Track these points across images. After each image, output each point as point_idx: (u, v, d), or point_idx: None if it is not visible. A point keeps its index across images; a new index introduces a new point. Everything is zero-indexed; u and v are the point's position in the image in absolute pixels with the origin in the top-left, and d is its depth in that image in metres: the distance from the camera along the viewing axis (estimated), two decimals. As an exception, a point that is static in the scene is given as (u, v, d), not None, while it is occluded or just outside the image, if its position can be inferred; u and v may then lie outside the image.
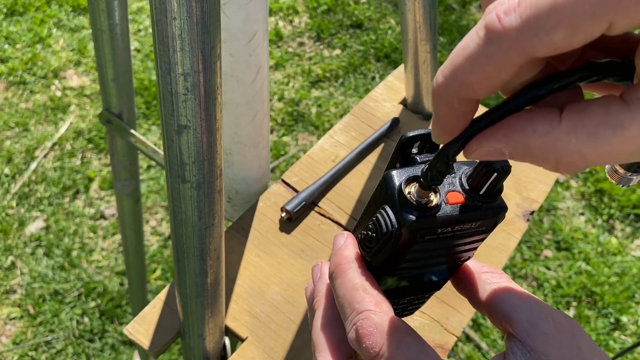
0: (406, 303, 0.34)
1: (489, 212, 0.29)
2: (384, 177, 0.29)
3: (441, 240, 0.29)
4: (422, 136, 0.30)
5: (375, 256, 0.30)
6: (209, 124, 0.39)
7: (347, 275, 0.30)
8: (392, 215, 0.28)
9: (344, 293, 0.29)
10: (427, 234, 0.28)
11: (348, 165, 0.72)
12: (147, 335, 0.59)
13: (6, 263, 1.55)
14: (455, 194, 0.28)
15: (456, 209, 0.28)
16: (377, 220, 0.28)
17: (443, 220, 0.28)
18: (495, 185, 0.28)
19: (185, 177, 0.42)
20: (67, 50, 2.03)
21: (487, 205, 0.29)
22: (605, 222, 1.70)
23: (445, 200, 0.28)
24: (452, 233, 0.29)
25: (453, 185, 0.29)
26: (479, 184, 0.28)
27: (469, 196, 0.29)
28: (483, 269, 0.32)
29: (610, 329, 1.51)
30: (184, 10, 0.33)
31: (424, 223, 0.27)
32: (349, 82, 2.00)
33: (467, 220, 0.28)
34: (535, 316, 0.28)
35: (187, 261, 0.48)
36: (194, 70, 0.36)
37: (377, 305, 0.28)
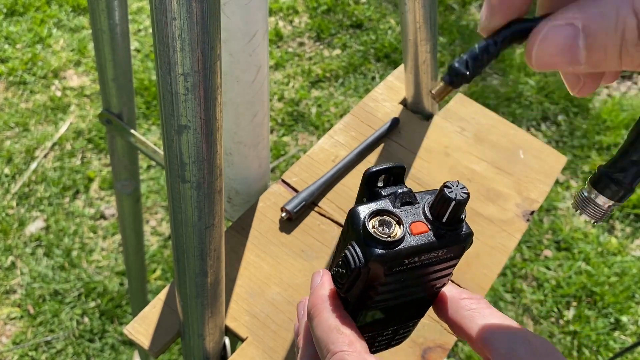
0: (391, 333, 0.35)
1: (453, 239, 0.29)
2: (349, 213, 0.29)
3: (411, 271, 0.29)
4: (386, 170, 0.31)
5: (349, 292, 0.30)
6: (209, 124, 0.39)
7: (322, 316, 0.30)
8: (359, 250, 0.28)
9: (320, 334, 0.30)
10: (395, 266, 0.28)
11: (348, 165, 0.72)
12: (147, 335, 0.59)
13: (6, 263, 1.55)
14: (418, 224, 0.29)
15: (420, 239, 0.28)
16: (345, 257, 0.29)
17: (408, 251, 0.28)
18: (456, 213, 0.29)
19: (185, 177, 0.42)
20: (67, 50, 2.03)
21: (451, 232, 0.29)
22: (605, 222, 1.70)
23: (409, 231, 0.28)
24: (420, 262, 0.29)
25: (417, 216, 0.29)
26: (440, 213, 0.29)
27: (432, 225, 0.29)
28: (462, 295, 0.32)
29: (610, 328, 1.51)
30: (184, 11, 0.33)
31: (389, 256, 0.28)
32: (349, 82, 2.00)
33: (432, 249, 0.29)
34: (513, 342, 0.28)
35: (187, 261, 0.48)
36: (194, 70, 0.36)
37: (350, 345, 0.29)
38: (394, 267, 0.28)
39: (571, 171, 1.80)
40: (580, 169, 1.81)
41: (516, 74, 2.01)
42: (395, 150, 0.75)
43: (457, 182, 0.28)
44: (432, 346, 0.60)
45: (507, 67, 2.03)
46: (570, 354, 1.47)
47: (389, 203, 0.29)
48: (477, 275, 0.66)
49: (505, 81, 1.99)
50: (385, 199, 0.30)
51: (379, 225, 0.28)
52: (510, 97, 1.94)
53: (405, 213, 0.29)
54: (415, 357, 0.59)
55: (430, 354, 0.60)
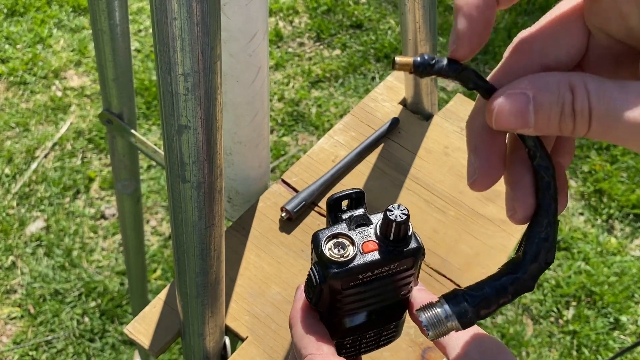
0: (374, 335, 0.39)
1: (401, 254, 0.33)
2: (312, 237, 0.34)
3: (368, 283, 0.33)
4: (347, 195, 0.36)
5: (317, 304, 0.35)
6: (209, 124, 0.40)
7: (297, 326, 0.35)
8: (318, 270, 0.33)
9: (295, 341, 0.35)
10: (351, 281, 0.33)
11: (348, 165, 0.72)
12: (148, 335, 0.59)
13: (7, 263, 1.55)
14: (369, 243, 0.33)
15: (370, 256, 0.33)
16: (309, 277, 0.34)
17: (360, 268, 0.32)
18: (399, 232, 0.33)
19: (186, 177, 0.42)
20: (67, 50, 2.04)
21: (399, 249, 0.33)
22: (604, 222, 1.70)
23: (360, 250, 0.33)
24: (375, 276, 0.33)
25: (368, 236, 0.33)
26: (387, 232, 0.33)
27: (381, 243, 0.33)
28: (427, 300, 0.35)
29: (609, 328, 1.51)
30: (184, 11, 0.34)
31: (342, 274, 0.32)
32: (349, 82, 2.00)
33: (382, 265, 0.33)
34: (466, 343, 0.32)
35: (187, 261, 0.48)
36: (194, 71, 0.36)
37: (317, 348, 0.33)
38: (351, 281, 0.33)
39: (570, 171, 1.81)
40: (580, 168, 1.81)
41: (516, 74, 2.01)
42: (394, 150, 0.76)
43: (399, 205, 0.32)
44: (432, 346, 0.60)
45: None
46: (569, 354, 1.47)
47: (345, 226, 0.34)
48: (476, 274, 0.66)
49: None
50: (343, 223, 0.34)
51: (334, 247, 0.33)
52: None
53: (359, 234, 0.33)
54: (415, 357, 0.59)
55: (430, 353, 0.60)
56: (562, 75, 0.25)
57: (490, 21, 0.26)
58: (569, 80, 0.24)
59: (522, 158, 0.29)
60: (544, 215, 0.29)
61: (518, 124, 0.25)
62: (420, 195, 0.72)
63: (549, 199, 0.28)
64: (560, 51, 0.27)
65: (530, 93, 0.25)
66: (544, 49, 0.27)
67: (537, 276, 0.29)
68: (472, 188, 0.30)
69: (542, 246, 0.29)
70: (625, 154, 1.84)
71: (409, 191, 0.72)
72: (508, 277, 0.29)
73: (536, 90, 0.25)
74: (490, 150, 0.29)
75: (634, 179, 1.78)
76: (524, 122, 0.25)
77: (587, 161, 1.82)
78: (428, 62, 0.27)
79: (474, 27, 0.26)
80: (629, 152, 1.85)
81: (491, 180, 0.29)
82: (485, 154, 0.29)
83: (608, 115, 0.24)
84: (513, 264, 0.30)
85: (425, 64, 0.27)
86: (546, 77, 0.25)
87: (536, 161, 0.28)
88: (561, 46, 0.27)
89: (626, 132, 0.24)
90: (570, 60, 0.28)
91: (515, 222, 0.30)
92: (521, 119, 0.25)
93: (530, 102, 0.25)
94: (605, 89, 0.24)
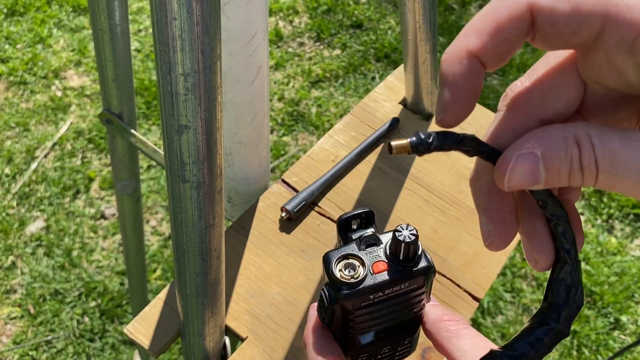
0: (389, 352, 0.39)
1: (411, 274, 0.33)
2: (322, 258, 0.34)
3: (379, 303, 0.34)
4: (357, 215, 0.36)
5: (330, 324, 0.35)
6: (209, 124, 0.40)
7: (310, 346, 0.36)
8: (331, 291, 0.33)
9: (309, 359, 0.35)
10: (362, 301, 0.33)
11: (348, 165, 0.72)
12: (148, 335, 0.59)
13: (6, 263, 1.55)
14: (379, 263, 0.33)
15: (380, 276, 0.33)
16: (321, 297, 0.34)
17: (370, 289, 0.33)
18: (409, 252, 0.33)
19: (186, 177, 0.42)
20: (67, 50, 2.04)
21: (408, 268, 0.33)
22: (604, 222, 1.70)
23: (371, 271, 0.33)
24: (386, 295, 0.34)
25: (378, 256, 0.34)
26: (396, 252, 0.33)
27: (391, 263, 0.33)
28: (443, 317, 0.36)
29: (609, 328, 1.51)
30: (184, 11, 0.34)
31: (353, 294, 0.33)
32: (349, 82, 2.00)
33: (393, 285, 0.33)
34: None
35: (187, 261, 0.48)
36: (194, 71, 0.36)
37: None
38: (362, 302, 0.33)
39: (571, 171, 1.81)
40: (580, 169, 1.81)
41: (516, 74, 2.02)
42: (395, 150, 0.75)
43: (407, 225, 0.33)
44: (432, 346, 0.60)
45: (507, 67, 2.04)
46: (569, 354, 1.47)
47: (355, 247, 0.34)
48: (476, 275, 0.66)
49: (505, 81, 1.99)
50: (353, 243, 0.34)
51: (344, 268, 0.33)
52: (510, 97, 1.94)
53: (369, 254, 0.34)
54: (415, 357, 0.59)
55: (430, 353, 0.60)
56: (567, 129, 0.25)
57: (477, 88, 0.26)
58: (574, 134, 0.24)
59: (531, 206, 0.29)
60: (566, 261, 0.28)
61: (529, 183, 0.25)
62: (420, 195, 0.72)
63: (568, 244, 0.28)
64: (558, 103, 0.27)
65: (538, 152, 0.25)
66: (542, 103, 0.27)
67: (571, 322, 0.29)
68: (490, 249, 0.30)
69: (570, 292, 0.29)
70: (625, 154, 1.84)
71: (409, 191, 0.72)
72: (541, 329, 0.29)
73: (544, 149, 0.25)
74: (501, 210, 0.29)
75: (634, 179, 1.78)
76: (535, 181, 0.25)
77: (587, 161, 1.82)
78: (425, 140, 0.27)
79: (460, 96, 0.26)
80: (629, 152, 1.85)
81: (508, 238, 0.29)
82: (496, 214, 0.29)
83: (612, 170, 0.24)
84: (543, 313, 0.29)
85: (424, 142, 0.27)
86: (551, 132, 0.25)
87: (548, 210, 0.28)
88: (559, 98, 0.27)
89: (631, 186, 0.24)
90: (568, 110, 0.28)
91: (539, 271, 0.29)
92: (532, 178, 0.25)
93: (539, 161, 0.25)
94: (608, 141, 0.24)
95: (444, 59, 0.26)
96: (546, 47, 0.26)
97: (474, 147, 0.27)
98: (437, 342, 0.35)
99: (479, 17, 0.26)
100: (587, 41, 0.25)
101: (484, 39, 0.25)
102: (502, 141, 0.27)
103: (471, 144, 0.27)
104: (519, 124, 0.27)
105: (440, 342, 0.35)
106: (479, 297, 0.64)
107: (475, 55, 0.25)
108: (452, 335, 0.35)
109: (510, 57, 0.26)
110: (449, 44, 0.26)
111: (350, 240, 0.35)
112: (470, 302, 0.64)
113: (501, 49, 0.25)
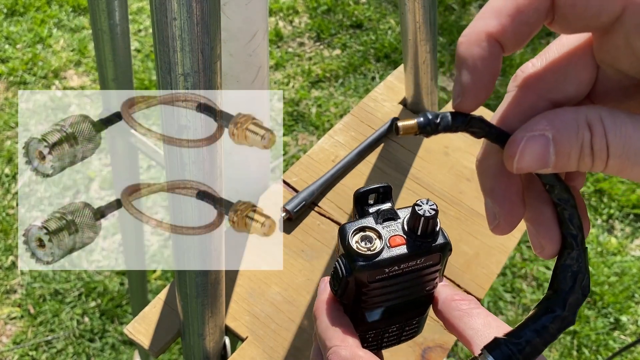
0: (397, 330, 0.38)
1: (428, 249, 0.33)
2: (338, 230, 0.34)
3: (394, 277, 0.34)
4: (374, 189, 0.36)
5: (342, 296, 0.35)
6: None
7: (321, 317, 0.35)
8: (345, 263, 0.33)
9: (319, 332, 0.35)
10: (377, 274, 0.33)
11: (348, 165, 0.72)
12: (148, 335, 0.59)
13: (7, 263, 1.55)
14: (396, 237, 0.33)
15: (397, 250, 0.33)
16: (335, 269, 0.34)
17: (387, 262, 0.32)
18: (428, 227, 0.33)
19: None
20: (67, 50, 2.03)
21: (425, 244, 0.33)
22: (604, 222, 1.70)
23: (388, 244, 0.33)
24: (401, 270, 0.33)
25: (395, 230, 0.33)
26: (414, 227, 0.33)
27: (409, 238, 0.33)
28: (455, 297, 0.36)
29: (610, 328, 1.51)
30: (184, 11, 0.34)
31: (369, 267, 0.32)
32: (349, 82, 2.00)
33: (409, 259, 0.33)
34: None
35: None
36: (194, 71, 0.36)
37: (342, 340, 0.33)
38: (377, 275, 0.33)
39: (571, 171, 1.81)
40: (580, 169, 1.81)
41: (516, 74, 2.01)
42: (395, 150, 0.75)
43: (427, 200, 0.32)
44: (432, 346, 0.60)
45: (507, 67, 2.04)
46: (570, 354, 1.47)
47: (372, 220, 0.34)
48: (476, 275, 0.66)
49: (505, 81, 1.99)
50: (370, 216, 0.34)
51: (361, 240, 0.33)
52: (510, 97, 1.94)
53: (386, 228, 0.33)
54: (415, 357, 0.59)
55: (430, 353, 0.60)
56: (578, 112, 0.24)
57: (496, 72, 0.26)
58: (587, 117, 0.24)
59: (538, 192, 0.29)
60: (573, 247, 0.28)
61: (539, 166, 0.25)
62: (420, 195, 0.72)
63: (574, 230, 0.28)
64: (570, 87, 0.27)
65: (549, 134, 0.25)
66: (554, 85, 0.27)
67: (577, 310, 0.28)
68: (495, 233, 0.29)
69: (576, 278, 0.28)
70: (625, 154, 1.84)
71: (409, 191, 0.72)
72: (547, 316, 0.29)
73: (556, 131, 0.24)
74: (508, 191, 0.28)
75: (634, 179, 1.78)
76: (545, 164, 0.25)
77: (587, 161, 1.82)
78: (433, 120, 0.27)
79: (479, 79, 0.26)
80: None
81: (514, 222, 0.29)
82: (503, 196, 0.28)
83: (624, 154, 0.24)
84: (549, 300, 0.29)
85: (431, 123, 0.27)
86: (564, 115, 0.25)
87: (555, 195, 0.28)
88: (571, 82, 0.27)
89: None
90: (580, 94, 0.27)
91: (545, 258, 0.29)
92: (542, 161, 0.25)
93: (550, 143, 0.25)
94: (621, 124, 0.24)
95: (461, 41, 0.26)
96: (564, 31, 0.26)
97: (482, 128, 0.27)
98: (449, 321, 0.35)
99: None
100: (606, 24, 0.24)
101: (503, 21, 0.25)
102: (511, 122, 0.27)
103: (479, 125, 0.27)
104: (529, 106, 0.27)
105: (451, 321, 0.35)
106: (479, 297, 0.64)
107: (495, 38, 0.25)
108: (463, 314, 0.34)
109: (529, 41, 0.26)
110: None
111: (367, 214, 0.35)
112: (470, 302, 0.64)
113: (521, 31, 0.25)
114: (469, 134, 0.27)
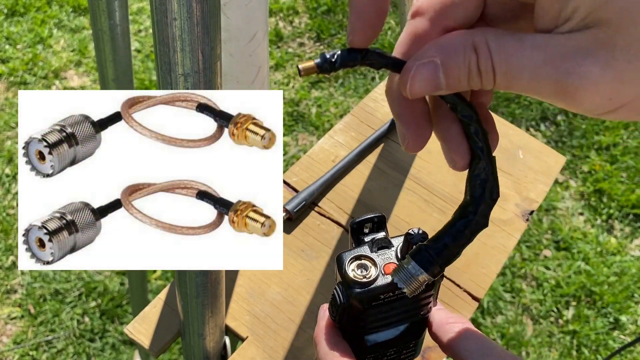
0: (395, 354, 0.40)
1: None
2: (336, 258, 0.36)
3: (389, 303, 0.35)
4: (369, 219, 0.38)
5: (341, 322, 0.36)
6: (209, 124, 0.40)
7: (321, 343, 0.37)
8: (342, 290, 0.35)
9: (320, 356, 0.37)
10: (373, 301, 0.35)
11: (348, 165, 0.72)
12: (148, 335, 0.59)
13: (7, 263, 1.55)
14: (390, 265, 0.35)
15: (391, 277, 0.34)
16: (333, 296, 0.36)
17: (381, 289, 0.34)
18: None
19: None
20: (67, 50, 2.04)
21: None
22: (604, 222, 1.70)
23: (382, 272, 0.35)
24: (396, 296, 0.35)
25: (389, 258, 0.35)
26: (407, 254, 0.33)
27: None
28: (449, 320, 0.38)
29: (609, 328, 1.51)
30: (184, 11, 0.34)
31: (365, 294, 0.34)
32: (349, 83, 2.00)
33: None
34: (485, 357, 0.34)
35: (187, 261, 0.48)
36: (194, 71, 0.36)
37: None
38: (372, 301, 0.35)
39: (570, 171, 1.81)
40: (580, 168, 1.81)
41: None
42: (394, 150, 0.76)
43: (419, 229, 0.34)
44: (432, 346, 0.60)
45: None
46: (569, 354, 1.47)
47: (367, 249, 0.36)
48: (476, 275, 0.66)
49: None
50: (365, 245, 0.36)
51: (357, 268, 0.35)
52: (509, 97, 1.94)
53: (381, 256, 0.35)
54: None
55: (430, 353, 0.60)
56: (465, 36, 0.26)
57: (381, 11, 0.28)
58: (473, 40, 0.26)
59: (445, 111, 0.31)
60: (480, 157, 0.30)
61: (431, 89, 0.27)
62: (420, 195, 0.72)
63: (480, 142, 0.30)
64: (458, 12, 0.28)
65: (438, 60, 0.27)
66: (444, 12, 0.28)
67: (488, 213, 0.31)
68: (407, 151, 0.32)
69: (485, 186, 0.30)
70: (625, 154, 1.84)
71: (409, 191, 0.72)
72: (461, 221, 0.31)
73: (443, 56, 0.26)
74: (413, 114, 0.31)
75: (633, 179, 1.78)
76: (437, 87, 0.27)
77: (587, 161, 1.82)
78: (330, 59, 0.29)
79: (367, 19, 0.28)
80: (629, 152, 1.85)
81: (422, 140, 0.31)
82: (409, 117, 0.31)
83: (508, 72, 0.25)
84: (463, 208, 0.31)
85: (328, 61, 0.29)
86: (451, 40, 0.27)
87: (459, 112, 0.30)
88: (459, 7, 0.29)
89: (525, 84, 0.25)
90: (470, 19, 0.29)
91: (458, 170, 0.31)
92: (433, 84, 0.27)
93: (439, 68, 0.27)
94: (504, 43, 0.25)
95: None
96: None
97: (377, 60, 0.29)
98: (444, 343, 0.37)
99: None
100: None
101: None
102: (408, 50, 0.29)
103: (374, 57, 0.29)
104: (423, 34, 0.29)
105: (447, 343, 0.36)
106: (478, 297, 0.65)
107: None
108: (458, 337, 0.36)
109: None
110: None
111: (363, 243, 0.36)
112: (470, 302, 0.64)
113: None
114: (368, 66, 0.29)
